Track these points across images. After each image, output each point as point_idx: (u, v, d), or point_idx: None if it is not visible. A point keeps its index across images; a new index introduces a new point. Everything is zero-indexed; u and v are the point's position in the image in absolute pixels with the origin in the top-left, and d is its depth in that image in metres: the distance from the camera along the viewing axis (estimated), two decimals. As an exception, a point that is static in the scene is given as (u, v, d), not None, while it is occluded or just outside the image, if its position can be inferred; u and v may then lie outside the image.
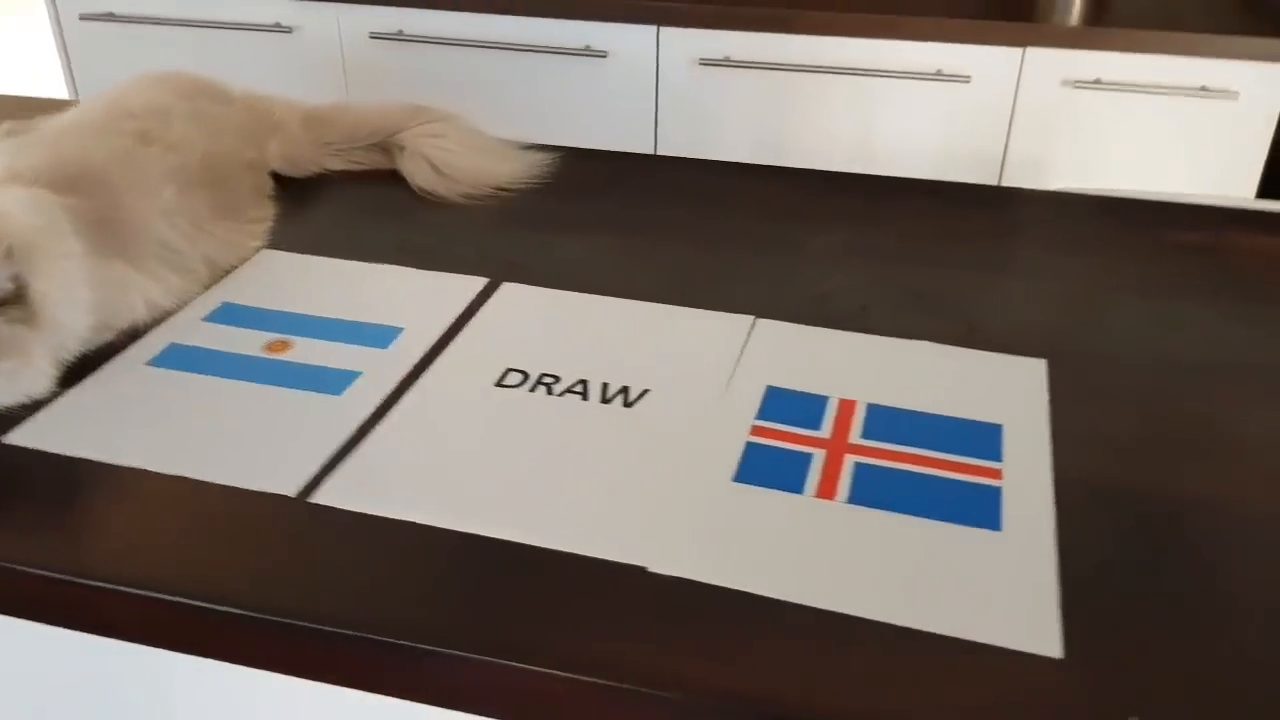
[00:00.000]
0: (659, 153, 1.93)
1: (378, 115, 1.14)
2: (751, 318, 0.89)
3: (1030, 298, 0.93)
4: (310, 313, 0.89)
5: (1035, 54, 1.77)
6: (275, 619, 0.61)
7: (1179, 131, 1.79)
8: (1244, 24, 1.73)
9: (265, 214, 1.01)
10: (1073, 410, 0.79)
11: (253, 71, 1.96)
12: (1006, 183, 1.85)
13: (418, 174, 1.11)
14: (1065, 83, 1.78)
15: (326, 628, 0.61)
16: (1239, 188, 1.81)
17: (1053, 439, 0.76)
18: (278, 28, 1.94)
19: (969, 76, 1.80)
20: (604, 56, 1.87)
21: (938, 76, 1.81)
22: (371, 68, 1.95)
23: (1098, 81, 1.77)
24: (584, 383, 0.81)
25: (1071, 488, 0.71)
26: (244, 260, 0.95)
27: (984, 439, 0.76)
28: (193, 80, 1.04)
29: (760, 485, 0.71)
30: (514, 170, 1.13)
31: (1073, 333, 0.89)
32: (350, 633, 0.60)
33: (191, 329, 0.86)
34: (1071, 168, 1.85)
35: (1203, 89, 1.74)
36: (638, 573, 0.64)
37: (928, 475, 0.73)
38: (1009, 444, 0.75)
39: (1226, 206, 1.08)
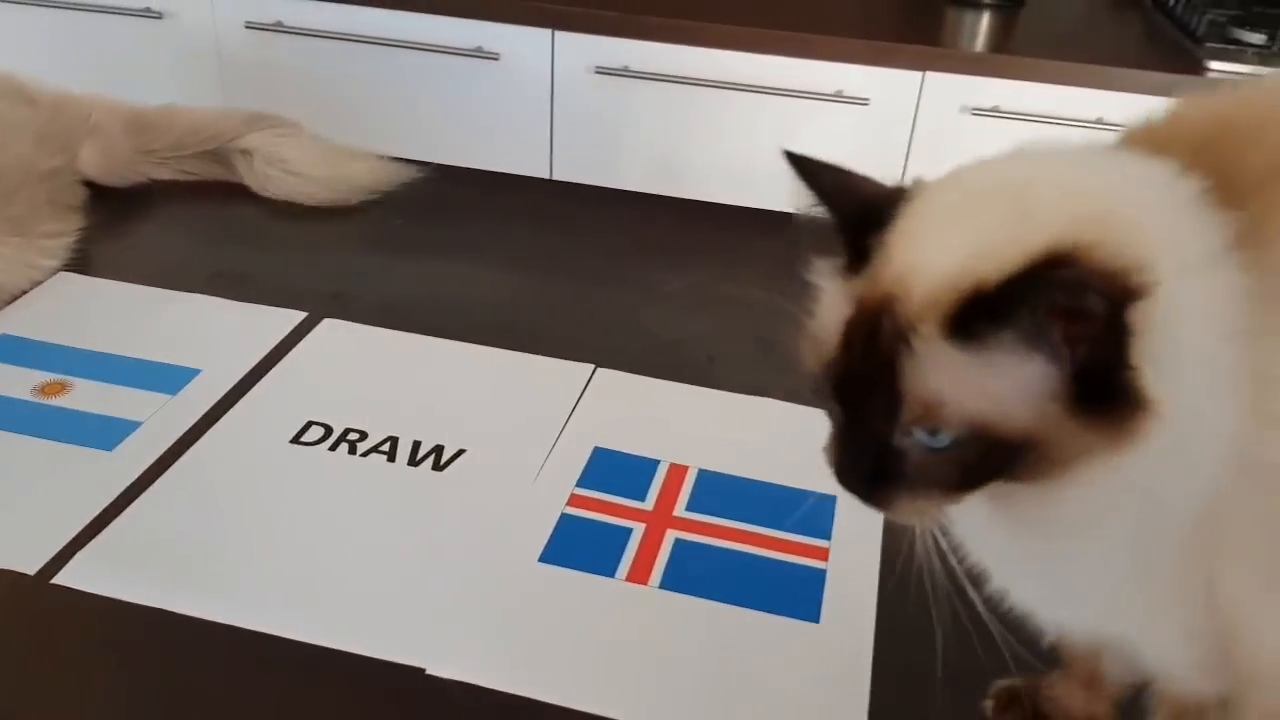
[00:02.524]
0: (554, 161, 1.85)
1: (213, 120, 1.05)
2: (591, 366, 0.83)
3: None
4: (98, 349, 0.80)
5: (935, 79, 1.74)
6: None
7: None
8: (1147, 58, 1.71)
9: (65, 228, 0.91)
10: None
11: (119, 61, 1.85)
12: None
13: (268, 178, 1.03)
14: (964, 109, 1.75)
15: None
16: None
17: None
18: (147, 13, 1.82)
19: (868, 99, 1.76)
20: (496, 59, 1.79)
21: (837, 97, 1.76)
22: (247, 60, 1.84)
23: (995, 109, 1.74)
24: (393, 441, 0.74)
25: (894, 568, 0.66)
26: (35, 284, 0.86)
27: (816, 512, 0.70)
28: (-11, 79, 0.94)
29: (568, 567, 0.65)
30: (372, 174, 1.05)
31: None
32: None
33: (-44, 365, 0.77)
34: (968, 195, 1.81)
35: (1099, 120, 1.72)
36: (417, 675, 0.58)
37: (749, 555, 0.67)
38: (842, 518, 0.70)
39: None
